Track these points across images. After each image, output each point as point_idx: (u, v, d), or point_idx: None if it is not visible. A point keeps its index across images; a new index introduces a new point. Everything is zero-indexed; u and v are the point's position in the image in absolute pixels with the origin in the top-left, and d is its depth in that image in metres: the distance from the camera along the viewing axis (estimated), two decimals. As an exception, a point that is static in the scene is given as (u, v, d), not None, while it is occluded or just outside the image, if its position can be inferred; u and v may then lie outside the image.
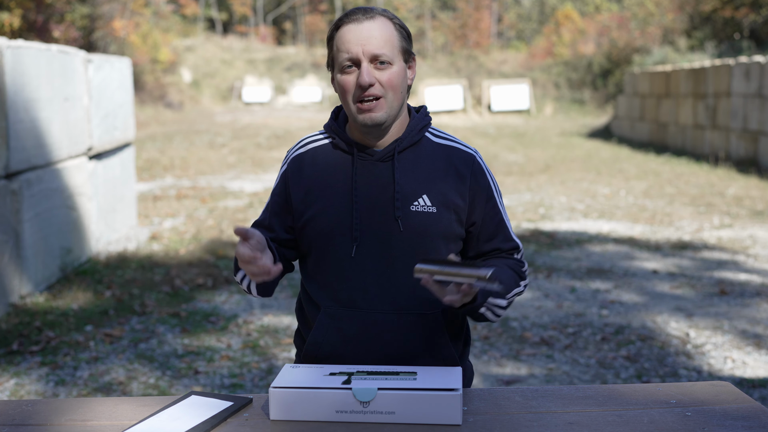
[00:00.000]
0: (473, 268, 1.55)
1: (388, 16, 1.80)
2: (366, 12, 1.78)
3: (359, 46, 1.74)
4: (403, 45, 1.80)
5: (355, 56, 1.74)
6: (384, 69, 1.75)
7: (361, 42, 1.74)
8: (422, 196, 1.80)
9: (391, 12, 1.83)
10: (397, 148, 1.81)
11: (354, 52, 1.74)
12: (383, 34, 1.76)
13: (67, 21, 19.69)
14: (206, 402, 1.63)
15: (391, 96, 1.76)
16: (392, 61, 1.76)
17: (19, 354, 4.30)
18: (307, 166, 1.86)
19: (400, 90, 1.79)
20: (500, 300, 1.78)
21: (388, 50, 1.75)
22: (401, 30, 1.81)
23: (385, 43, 1.75)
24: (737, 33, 20.55)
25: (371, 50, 1.74)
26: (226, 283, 5.82)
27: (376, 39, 1.75)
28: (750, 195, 9.99)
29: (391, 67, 1.76)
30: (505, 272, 1.82)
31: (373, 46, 1.74)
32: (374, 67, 1.75)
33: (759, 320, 4.97)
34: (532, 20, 42.59)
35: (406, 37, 1.82)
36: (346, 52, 1.75)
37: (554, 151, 15.80)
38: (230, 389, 3.85)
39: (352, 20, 1.77)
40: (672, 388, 1.71)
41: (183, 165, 13.29)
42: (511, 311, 5.13)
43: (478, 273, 1.54)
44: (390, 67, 1.76)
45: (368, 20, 1.76)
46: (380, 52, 1.74)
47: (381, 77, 1.75)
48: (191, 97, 29.73)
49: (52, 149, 5.72)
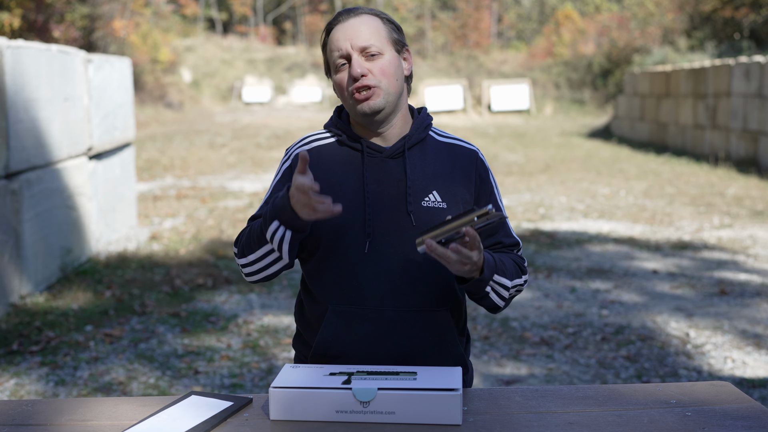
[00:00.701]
0: (470, 212, 1.56)
1: (374, 13, 1.83)
2: (351, 11, 1.82)
3: (347, 42, 1.77)
4: (392, 36, 1.82)
5: (345, 51, 1.77)
6: (375, 59, 1.78)
7: (348, 37, 1.77)
8: (432, 191, 1.81)
9: (378, 10, 1.86)
10: (406, 144, 1.83)
11: (343, 48, 1.77)
12: (369, 27, 1.79)
13: (67, 21, 19.69)
14: (206, 402, 1.63)
15: (386, 83, 1.78)
16: (382, 51, 1.79)
17: (19, 354, 4.30)
18: (313, 164, 1.84)
19: (395, 78, 1.80)
20: (505, 279, 1.78)
21: (375, 41, 1.78)
22: (389, 23, 1.83)
23: (372, 34, 1.78)
24: (737, 33, 20.55)
25: (359, 43, 1.77)
26: (226, 283, 5.82)
27: (363, 32, 1.78)
28: (750, 195, 9.99)
29: (382, 57, 1.78)
30: (507, 260, 1.84)
31: (361, 39, 1.77)
32: (365, 59, 1.77)
33: (759, 320, 4.97)
34: (532, 20, 42.59)
35: (396, 29, 1.84)
36: (336, 50, 1.79)
37: (554, 151, 15.80)
38: (230, 389, 3.85)
39: (338, 21, 1.81)
40: (672, 388, 1.71)
41: (183, 165, 13.29)
42: (511, 311, 5.13)
43: (477, 212, 1.54)
44: (381, 56, 1.78)
45: (354, 17, 1.80)
46: (368, 44, 1.77)
47: (373, 67, 1.77)
48: (191, 97, 29.73)
49: (52, 149, 5.72)
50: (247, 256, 1.81)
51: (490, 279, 1.75)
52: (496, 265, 1.76)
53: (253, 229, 1.80)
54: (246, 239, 1.81)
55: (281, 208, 1.68)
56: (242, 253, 1.82)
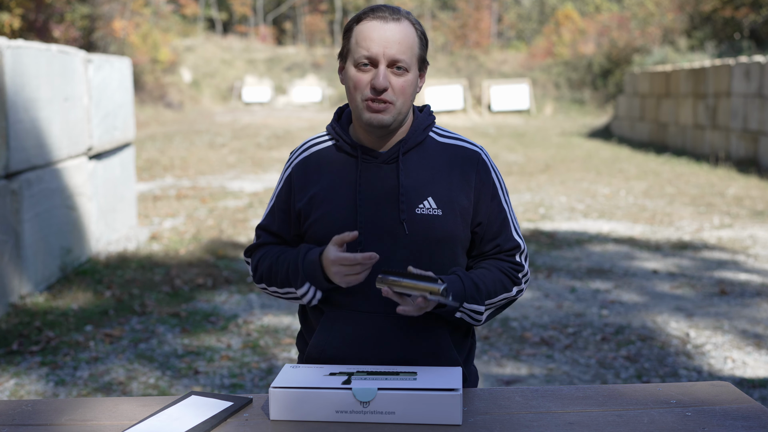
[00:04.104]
0: (429, 282, 1.59)
1: (412, 21, 1.77)
2: (393, 12, 1.74)
3: (381, 47, 1.71)
4: (421, 53, 1.78)
5: (375, 56, 1.71)
6: (400, 75, 1.73)
7: (384, 43, 1.71)
8: (427, 198, 1.78)
9: (414, 17, 1.80)
10: (401, 149, 1.80)
11: (374, 52, 1.71)
12: (406, 39, 1.73)
13: (67, 21, 19.69)
14: (206, 402, 1.63)
15: (401, 102, 1.74)
16: (409, 68, 1.74)
17: (19, 354, 4.30)
18: (312, 170, 1.84)
19: (410, 98, 1.77)
20: (477, 306, 1.76)
21: (407, 57, 1.73)
22: (422, 37, 1.78)
23: (407, 49, 1.73)
24: (737, 33, 20.54)
25: (392, 54, 1.71)
26: (226, 283, 5.82)
27: (399, 44, 1.71)
28: (750, 195, 9.99)
29: (407, 74, 1.74)
30: (490, 278, 1.80)
31: (395, 50, 1.71)
32: (391, 71, 1.72)
33: (759, 320, 4.97)
34: (532, 20, 42.58)
35: (425, 45, 1.80)
36: (366, 49, 1.72)
37: (554, 151, 15.80)
38: (230, 389, 3.85)
39: (378, 17, 1.73)
40: (672, 388, 1.71)
41: (183, 165, 13.29)
42: (510, 311, 5.13)
43: (431, 287, 1.58)
44: (406, 74, 1.74)
45: (394, 21, 1.73)
46: (400, 58, 1.72)
47: (395, 83, 1.72)
48: (191, 97, 29.73)
49: (52, 149, 5.72)
50: (267, 286, 1.86)
51: (459, 307, 1.74)
52: (465, 293, 1.73)
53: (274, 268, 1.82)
54: (267, 273, 1.83)
55: (313, 275, 1.73)
56: (261, 279, 1.86)
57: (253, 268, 1.89)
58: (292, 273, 1.77)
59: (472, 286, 1.75)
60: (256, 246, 1.91)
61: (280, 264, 1.81)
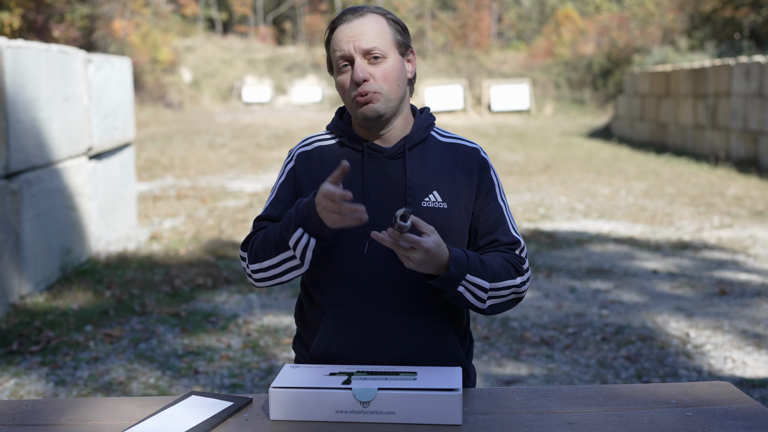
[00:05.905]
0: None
1: (379, 12, 1.79)
2: (355, 11, 1.78)
3: (350, 43, 1.74)
4: (397, 38, 1.79)
5: (348, 54, 1.75)
6: (378, 63, 1.75)
7: (352, 39, 1.74)
8: (433, 192, 1.80)
9: (384, 9, 1.82)
10: (407, 144, 1.81)
11: (346, 50, 1.75)
12: (374, 28, 1.76)
13: (67, 21, 19.69)
14: (206, 402, 1.63)
15: (387, 89, 1.75)
16: (385, 55, 1.76)
17: (19, 354, 4.30)
18: (315, 164, 1.84)
19: (398, 83, 1.78)
20: (481, 280, 1.71)
21: (379, 44, 1.75)
22: (394, 24, 1.80)
23: (376, 37, 1.75)
24: (737, 33, 20.54)
25: (362, 45, 1.74)
26: (226, 283, 5.82)
27: (366, 34, 1.74)
28: (750, 195, 9.99)
29: (386, 61, 1.76)
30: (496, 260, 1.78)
31: (364, 41, 1.74)
32: (368, 62, 1.75)
33: (759, 320, 4.97)
34: (532, 20, 42.58)
35: (401, 30, 1.81)
36: (339, 51, 1.76)
37: (554, 151, 15.80)
38: (230, 389, 3.85)
39: (343, 21, 1.78)
40: (672, 388, 1.71)
41: (183, 165, 13.29)
42: (510, 311, 5.13)
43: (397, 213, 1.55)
44: (384, 60, 1.75)
45: (358, 18, 1.77)
46: (371, 46, 1.74)
47: (375, 72, 1.75)
48: (191, 97, 29.73)
49: (52, 149, 5.72)
50: (261, 262, 1.78)
51: (462, 278, 1.68)
52: (469, 264, 1.69)
53: (268, 234, 1.76)
54: (261, 244, 1.77)
55: (306, 216, 1.67)
56: (255, 258, 1.79)
57: (248, 254, 1.81)
58: (285, 224, 1.71)
59: (477, 259, 1.72)
60: (253, 233, 1.85)
61: (275, 228, 1.76)
